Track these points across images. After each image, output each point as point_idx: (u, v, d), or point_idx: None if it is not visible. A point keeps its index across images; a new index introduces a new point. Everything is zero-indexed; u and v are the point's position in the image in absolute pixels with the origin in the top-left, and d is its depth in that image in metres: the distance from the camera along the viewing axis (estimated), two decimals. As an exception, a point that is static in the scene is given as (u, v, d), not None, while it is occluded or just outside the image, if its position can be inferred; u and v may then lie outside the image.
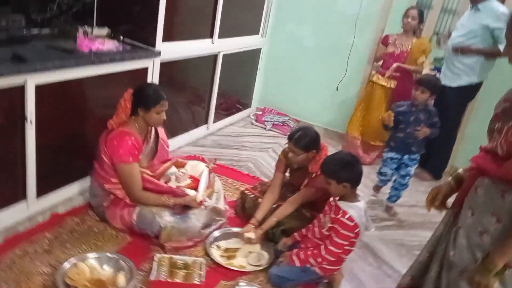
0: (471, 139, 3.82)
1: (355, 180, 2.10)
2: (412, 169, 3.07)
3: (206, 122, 3.96)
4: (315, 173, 2.42)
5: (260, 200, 2.59)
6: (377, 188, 3.34)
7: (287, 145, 2.50)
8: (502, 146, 1.43)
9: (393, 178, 3.17)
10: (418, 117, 2.92)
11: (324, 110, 4.53)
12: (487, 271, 1.41)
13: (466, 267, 1.52)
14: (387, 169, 3.11)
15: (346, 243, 2.09)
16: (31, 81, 2.13)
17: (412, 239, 2.91)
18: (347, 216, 2.06)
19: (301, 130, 2.44)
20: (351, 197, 2.12)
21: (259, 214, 2.47)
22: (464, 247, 1.54)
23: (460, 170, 1.72)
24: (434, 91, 2.92)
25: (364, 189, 3.30)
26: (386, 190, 3.25)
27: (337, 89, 4.37)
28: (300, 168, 2.53)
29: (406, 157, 3.02)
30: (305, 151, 2.40)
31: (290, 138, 2.44)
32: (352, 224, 2.06)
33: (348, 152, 2.25)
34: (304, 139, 2.39)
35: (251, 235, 2.39)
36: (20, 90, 2.11)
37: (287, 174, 2.70)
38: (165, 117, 2.41)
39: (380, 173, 3.19)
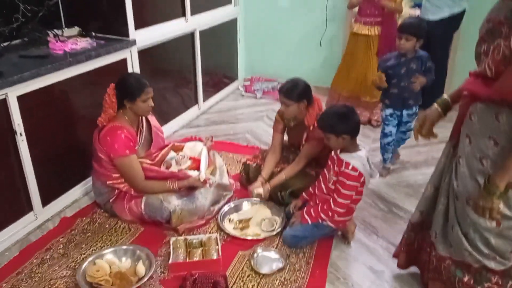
0: (462, 69, 3.79)
1: (354, 130, 2.10)
2: (412, 124, 2.86)
3: (196, 102, 3.94)
4: (312, 126, 2.43)
5: (263, 167, 2.61)
6: (386, 170, 2.99)
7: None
8: (490, 67, 1.42)
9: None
10: (410, 67, 2.69)
11: (311, 68, 4.48)
12: (490, 194, 1.42)
13: (470, 195, 1.54)
14: (390, 127, 2.86)
15: (353, 193, 2.11)
16: (12, 94, 2.12)
17: (417, 178, 2.93)
18: (350, 167, 2.07)
19: (290, 81, 2.44)
20: (352, 147, 2.13)
21: (265, 172, 2.53)
22: (466, 176, 1.56)
23: (445, 96, 1.72)
24: (419, 35, 2.63)
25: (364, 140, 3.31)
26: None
27: (320, 45, 4.31)
28: (296, 125, 2.54)
29: (404, 112, 2.82)
30: (296, 101, 2.40)
31: (280, 89, 2.46)
32: (357, 174, 2.07)
33: (343, 104, 2.24)
34: (294, 89, 2.40)
35: (259, 190, 2.44)
36: (2, 105, 2.11)
37: (286, 138, 2.71)
38: (152, 104, 2.39)
39: (384, 134, 2.90)
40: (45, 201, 2.41)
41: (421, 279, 1.98)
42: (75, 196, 2.62)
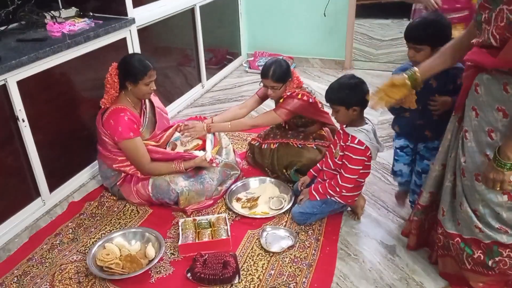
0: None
1: (364, 101, 2.01)
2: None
3: (200, 80, 3.88)
4: (283, 98, 2.44)
5: (264, 146, 2.59)
6: (400, 197, 2.35)
7: (261, 85, 2.51)
8: (495, 36, 1.34)
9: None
10: (428, 84, 1.79)
11: (316, 40, 4.38)
12: (501, 166, 1.37)
13: (480, 170, 1.49)
14: (401, 164, 2.15)
15: (360, 167, 2.07)
16: (12, 79, 2.09)
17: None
18: (356, 141, 2.03)
19: (273, 64, 2.41)
20: (359, 121, 2.07)
21: (217, 118, 2.56)
22: (474, 151, 1.50)
23: (415, 69, 1.63)
24: (435, 40, 1.77)
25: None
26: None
27: (324, 15, 4.19)
28: (280, 98, 2.52)
29: (421, 145, 2.05)
30: (283, 83, 2.42)
31: (265, 75, 2.42)
32: (363, 148, 2.03)
33: (351, 75, 2.13)
34: (280, 71, 2.39)
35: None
36: (3, 91, 2.07)
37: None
38: (154, 87, 2.34)
39: (394, 173, 2.23)
40: (52, 187, 2.41)
41: (429, 258, 1.95)
42: (82, 180, 2.62)
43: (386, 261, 1.99)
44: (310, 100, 2.42)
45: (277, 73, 2.38)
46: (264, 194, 2.43)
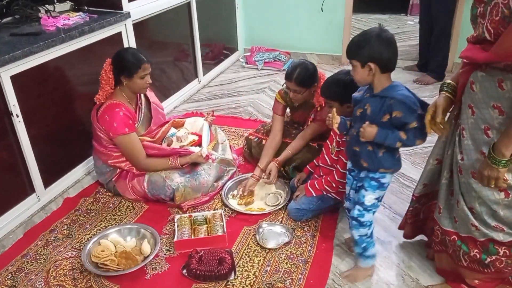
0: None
1: None
2: (369, 197, 1.76)
3: (196, 76, 3.86)
4: (320, 106, 2.34)
5: (264, 142, 2.56)
6: (347, 243, 2.05)
7: (284, 86, 2.40)
8: (489, 30, 1.32)
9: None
10: (364, 109, 1.68)
11: (313, 35, 4.36)
12: (495, 163, 1.37)
13: (475, 166, 1.48)
14: (348, 188, 1.91)
15: None
16: (5, 74, 2.06)
17: (424, 145, 2.82)
18: None
19: (298, 67, 2.27)
20: None
21: (263, 162, 2.41)
22: (471, 149, 1.50)
23: (448, 80, 1.63)
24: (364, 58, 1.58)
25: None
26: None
27: (322, 10, 4.17)
28: (301, 104, 2.45)
29: (362, 174, 1.79)
30: (308, 87, 2.28)
31: (289, 78, 2.28)
32: None
33: (346, 71, 2.12)
34: (305, 75, 2.25)
35: (251, 187, 2.36)
36: (-4, 86, 2.05)
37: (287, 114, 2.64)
38: (150, 81, 2.32)
39: (344, 197, 2.01)
40: (47, 182, 2.39)
41: (426, 247, 1.96)
42: (78, 176, 2.60)
43: (382, 257, 1.98)
44: None
45: (301, 77, 2.24)
46: (261, 191, 2.42)
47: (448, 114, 1.63)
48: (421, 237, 2.01)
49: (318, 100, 2.31)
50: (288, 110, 2.60)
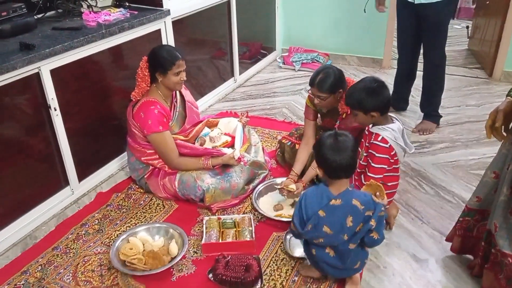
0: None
1: (383, 107, 1.96)
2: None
3: (232, 75, 3.83)
4: (345, 114, 2.26)
5: (297, 146, 2.49)
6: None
7: (310, 91, 2.34)
8: None
9: None
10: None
11: (354, 37, 4.23)
12: None
13: None
14: None
15: (384, 167, 1.97)
16: (45, 68, 2.09)
17: (468, 158, 2.72)
18: (379, 138, 1.94)
19: (321, 73, 2.21)
20: (384, 121, 2.00)
21: (297, 167, 2.37)
22: None
23: None
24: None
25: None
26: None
27: (364, 11, 4.02)
28: (330, 111, 2.37)
29: None
30: (331, 93, 2.21)
31: (311, 83, 2.23)
32: (387, 146, 1.94)
33: (372, 78, 2.04)
34: (327, 80, 2.18)
35: (292, 187, 2.31)
36: (36, 79, 2.08)
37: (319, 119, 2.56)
38: (184, 78, 2.31)
39: None
40: (81, 176, 2.42)
41: (468, 268, 1.83)
42: (111, 171, 2.62)
43: (417, 276, 1.88)
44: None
45: (324, 83, 2.19)
46: (291, 198, 2.35)
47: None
48: (461, 257, 1.89)
49: (343, 107, 2.23)
50: (319, 115, 2.53)
